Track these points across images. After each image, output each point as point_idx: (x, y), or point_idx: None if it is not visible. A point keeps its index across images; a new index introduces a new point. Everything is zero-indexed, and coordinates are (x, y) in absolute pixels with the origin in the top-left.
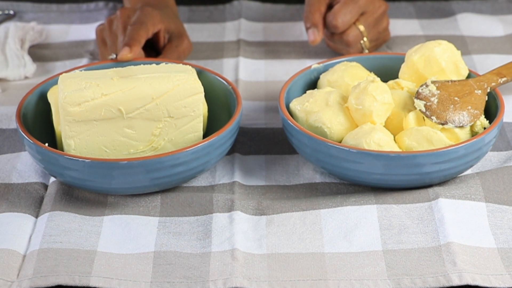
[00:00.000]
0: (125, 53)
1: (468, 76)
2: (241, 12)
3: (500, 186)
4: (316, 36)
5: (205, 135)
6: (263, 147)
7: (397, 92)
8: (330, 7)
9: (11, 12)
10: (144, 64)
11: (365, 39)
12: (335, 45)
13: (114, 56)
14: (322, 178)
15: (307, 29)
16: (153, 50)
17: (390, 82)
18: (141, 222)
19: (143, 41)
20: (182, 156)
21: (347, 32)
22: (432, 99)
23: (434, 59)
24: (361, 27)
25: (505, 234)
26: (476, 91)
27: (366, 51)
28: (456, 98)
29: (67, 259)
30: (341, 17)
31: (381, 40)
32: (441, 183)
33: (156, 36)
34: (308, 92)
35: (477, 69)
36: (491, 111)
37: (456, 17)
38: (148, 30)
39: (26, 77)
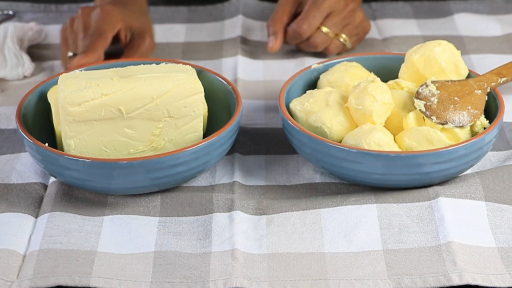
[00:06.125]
0: (81, 58)
1: (468, 76)
2: (239, 9)
3: (500, 185)
4: (273, 43)
5: (205, 135)
6: (263, 147)
7: (397, 92)
8: (296, 14)
9: (10, 12)
10: (144, 64)
11: (343, 35)
12: (307, 49)
13: (72, 54)
14: (322, 178)
15: (268, 36)
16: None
17: (390, 82)
18: (141, 222)
19: (100, 50)
20: (182, 156)
21: (313, 36)
22: (432, 99)
23: (434, 59)
24: (325, 29)
25: (505, 233)
26: (476, 91)
27: (349, 46)
28: (456, 98)
29: (67, 259)
30: (304, 24)
31: (361, 33)
32: (441, 182)
33: (117, 35)
34: (308, 92)
35: (475, 69)
36: (491, 111)
37: (453, 17)
38: (107, 37)
39: (24, 77)
